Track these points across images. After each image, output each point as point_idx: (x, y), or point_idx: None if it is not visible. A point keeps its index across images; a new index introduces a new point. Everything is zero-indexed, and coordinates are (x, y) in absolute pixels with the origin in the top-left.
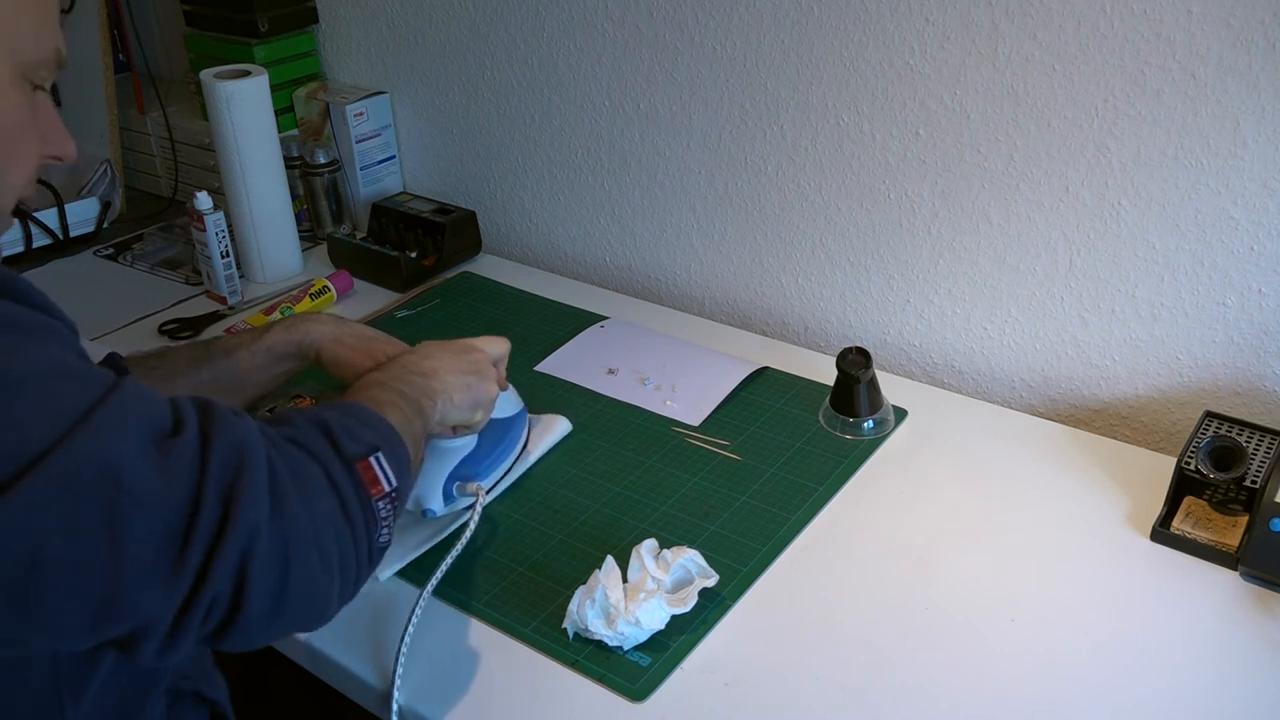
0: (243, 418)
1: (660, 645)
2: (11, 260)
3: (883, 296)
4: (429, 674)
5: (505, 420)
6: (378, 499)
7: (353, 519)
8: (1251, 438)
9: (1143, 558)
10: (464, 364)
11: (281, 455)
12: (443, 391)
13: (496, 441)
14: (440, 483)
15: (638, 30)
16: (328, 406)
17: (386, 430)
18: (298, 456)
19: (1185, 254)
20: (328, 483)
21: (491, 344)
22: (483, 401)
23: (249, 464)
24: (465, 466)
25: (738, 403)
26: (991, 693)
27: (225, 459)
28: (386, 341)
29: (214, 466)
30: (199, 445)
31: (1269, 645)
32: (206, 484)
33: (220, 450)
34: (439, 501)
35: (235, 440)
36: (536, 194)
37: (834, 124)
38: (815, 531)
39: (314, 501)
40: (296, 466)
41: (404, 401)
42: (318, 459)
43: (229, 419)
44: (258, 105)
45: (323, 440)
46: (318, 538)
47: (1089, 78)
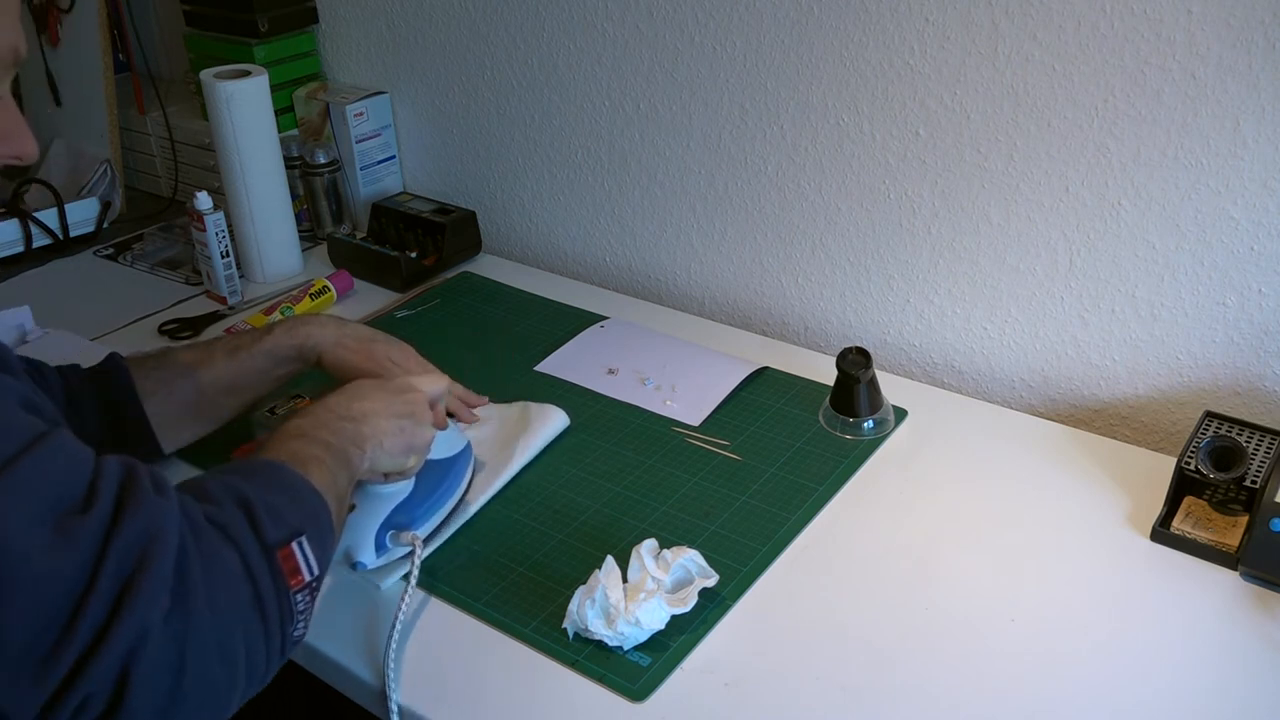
0: (166, 495)
1: (660, 645)
2: (11, 260)
3: (883, 296)
4: (429, 674)
5: (444, 462)
6: (296, 591)
7: (266, 614)
8: (1251, 438)
9: (1143, 558)
10: (397, 406)
11: (197, 541)
12: (372, 437)
13: (434, 486)
14: (372, 532)
15: (638, 30)
16: (250, 473)
17: (312, 504)
18: (214, 542)
19: (1185, 254)
20: (244, 573)
21: (429, 382)
22: (416, 446)
23: (155, 554)
24: (400, 514)
25: (738, 403)
26: (991, 693)
27: (129, 545)
28: (387, 343)
29: (114, 553)
30: (105, 526)
31: (1269, 645)
32: (102, 572)
33: (126, 535)
34: (370, 553)
35: (146, 525)
36: (536, 194)
37: (834, 124)
38: (815, 531)
39: (225, 595)
40: (211, 555)
41: (329, 454)
42: (236, 545)
43: (147, 499)
44: (258, 105)
45: (244, 522)
46: (222, 637)
47: (1089, 78)
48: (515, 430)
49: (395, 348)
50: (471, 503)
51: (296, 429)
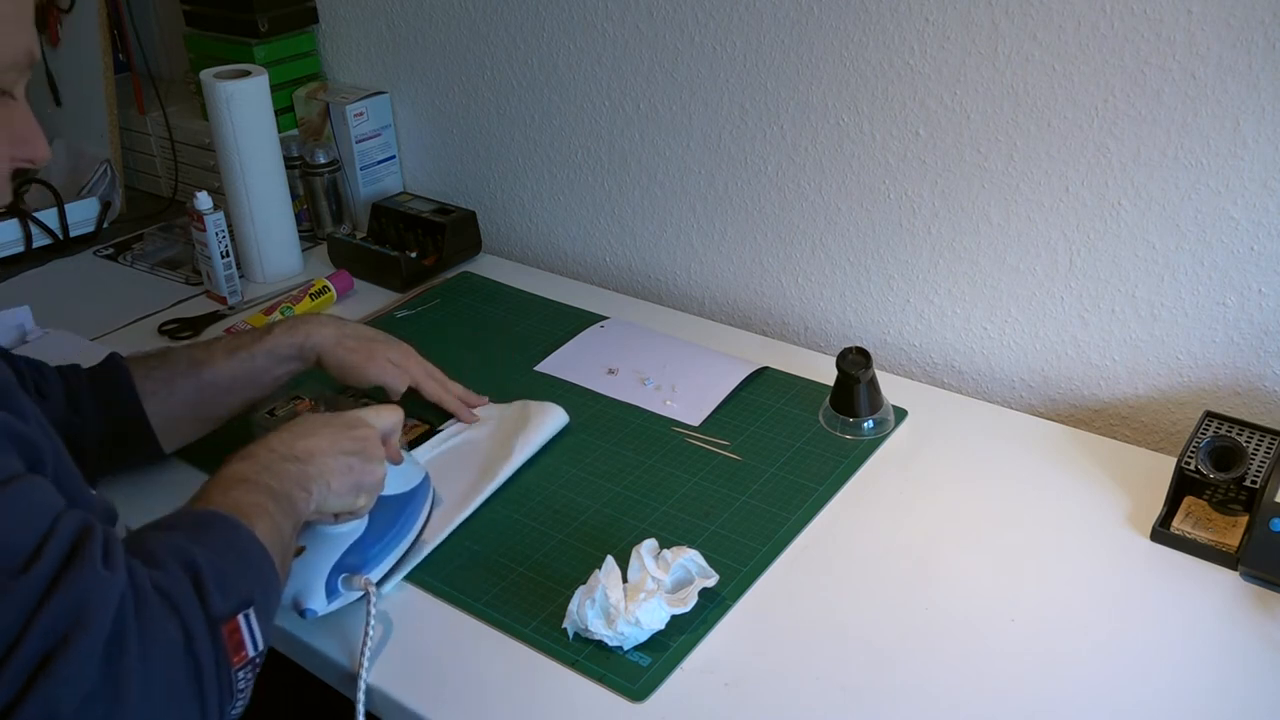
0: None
1: (660, 645)
2: (11, 260)
3: (883, 296)
4: (429, 674)
5: (400, 498)
6: (239, 668)
7: (205, 693)
8: (1251, 438)
9: (1143, 558)
10: (345, 442)
11: (140, 615)
12: (319, 477)
13: (389, 524)
14: (323, 577)
15: (638, 30)
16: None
17: (260, 564)
18: (158, 617)
19: (1185, 254)
20: (185, 649)
21: (380, 416)
22: (365, 485)
23: (85, 629)
24: (352, 555)
25: (738, 403)
26: (991, 693)
27: (59, 617)
28: (387, 343)
29: (42, 622)
30: (38, 593)
31: (1269, 645)
32: (25, 640)
33: (58, 606)
34: (320, 599)
35: (81, 598)
36: (536, 194)
37: (834, 124)
38: (815, 531)
39: (161, 675)
40: (152, 632)
41: (271, 501)
42: (180, 618)
43: (91, 571)
44: (258, 105)
45: (191, 593)
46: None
47: (1089, 78)
48: (515, 428)
49: (395, 348)
50: (429, 541)
51: (238, 474)
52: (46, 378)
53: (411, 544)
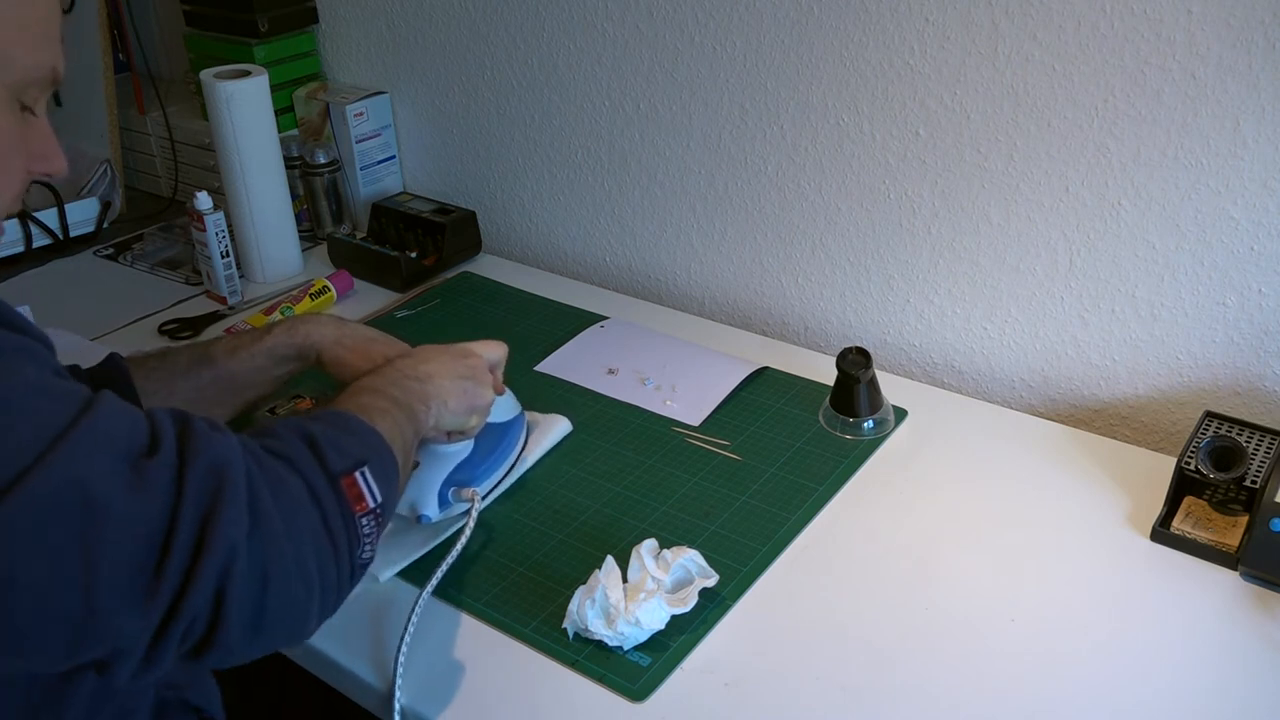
0: (222, 432)
1: (660, 645)
2: (11, 260)
3: (883, 296)
4: (429, 674)
5: (502, 425)
6: (361, 515)
7: (335, 536)
8: (1251, 438)
9: (1143, 558)
10: (460, 368)
11: (262, 470)
12: (437, 396)
13: (493, 447)
14: (435, 488)
15: (638, 30)
16: (315, 416)
17: (375, 442)
18: (279, 470)
19: (1185, 254)
20: (310, 498)
21: (489, 348)
22: (478, 407)
23: (227, 482)
24: (461, 472)
25: (738, 403)
26: (991, 693)
27: (202, 478)
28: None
29: (191, 486)
30: (176, 465)
31: (1269, 645)
32: (183, 504)
33: (197, 469)
34: (434, 507)
35: (213, 458)
36: (536, 194)
37: (834, 124)
38: (815, 531)
39: (295, 518)
40: (277, 482)
41: (396, 408)
42: (300, 473)
43: (207, 435)
44: (258, 105)
45: (307, 453)
46: (298, 555)
47: (1089, 78)
48: None
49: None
50: (528, 459)
51: (367, 385)
52: None
53: (512, 466)
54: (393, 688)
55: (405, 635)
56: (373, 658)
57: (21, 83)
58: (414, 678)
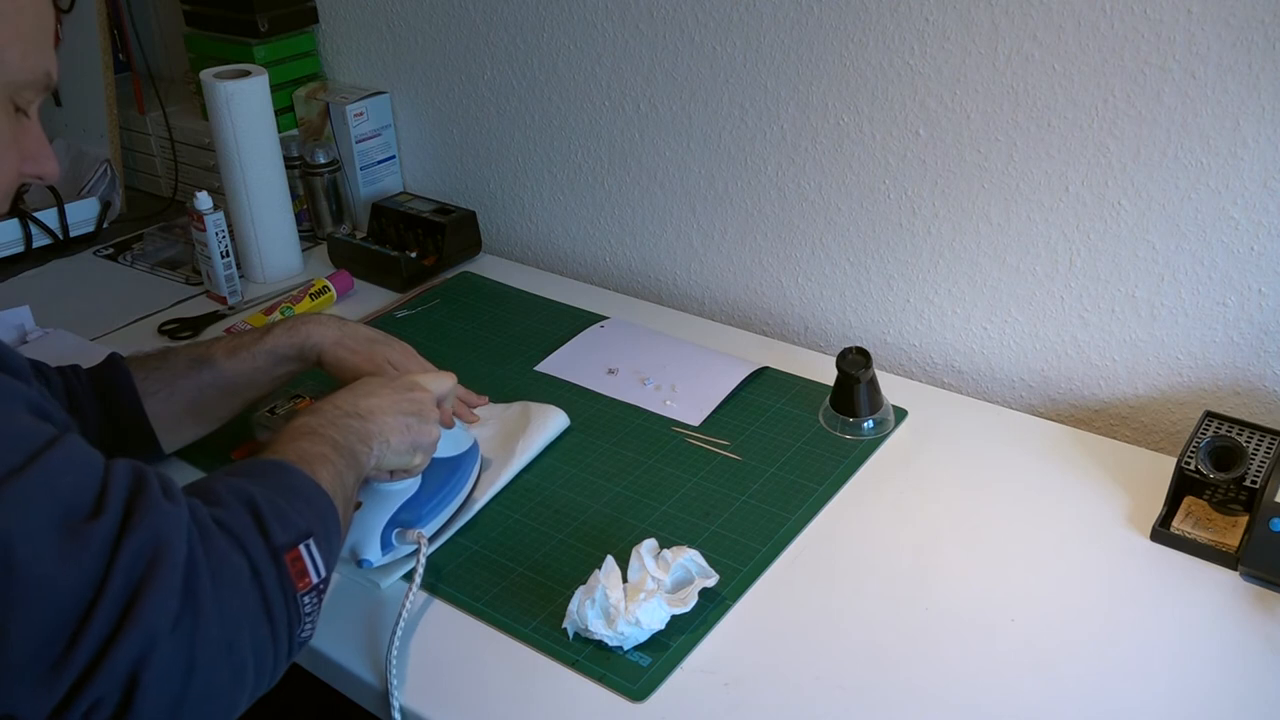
0: (175, 501)
1: (660, 645)
2: (12, 260)
3: (883, 296)
4: (429, 674)
5: (451, 460)
6: (303, 593)
7: (274, 618)
8: (1251, 438)
9: (1143, 558)
10: (404, 404)
11: (206, 548)
12: (379, 435)
13: (441, 484)
14: (378, 530)
15: (638, 30)
16: (259, 473)
17: (319, 502)
18: (222, 548)
19: (1185, 254)
20: (251, 577)
21: (436, 380)
22: (422, 444)
23: (164, 561)
24: (406, 511)
25: (738, 403)
26: (991, 692)
27: (138, 552)
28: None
29: (123, 560)
30: (114, 533)
31: (1269, 645)
32: (111, 578)
33: (135, 543)
34: (376, 551)
35: (154, 533)
36: (536, 194)
37: (834, 124)
38: (815, 531)
39: (232, 601)
40: (219, 562)
41: (336, 453)
42: (244, 549)
43: (157, 505)
44: (258, 105)
45: (252, 526)
46: (230, 642)
47: (1089, 78)
48: (515, 430)
49: (395, 349)
50: (478, 500)
51: (304, 427)
52: (48, 378)
53: (462, 504)
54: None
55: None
56: (369, 656)
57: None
58: (414, 678)
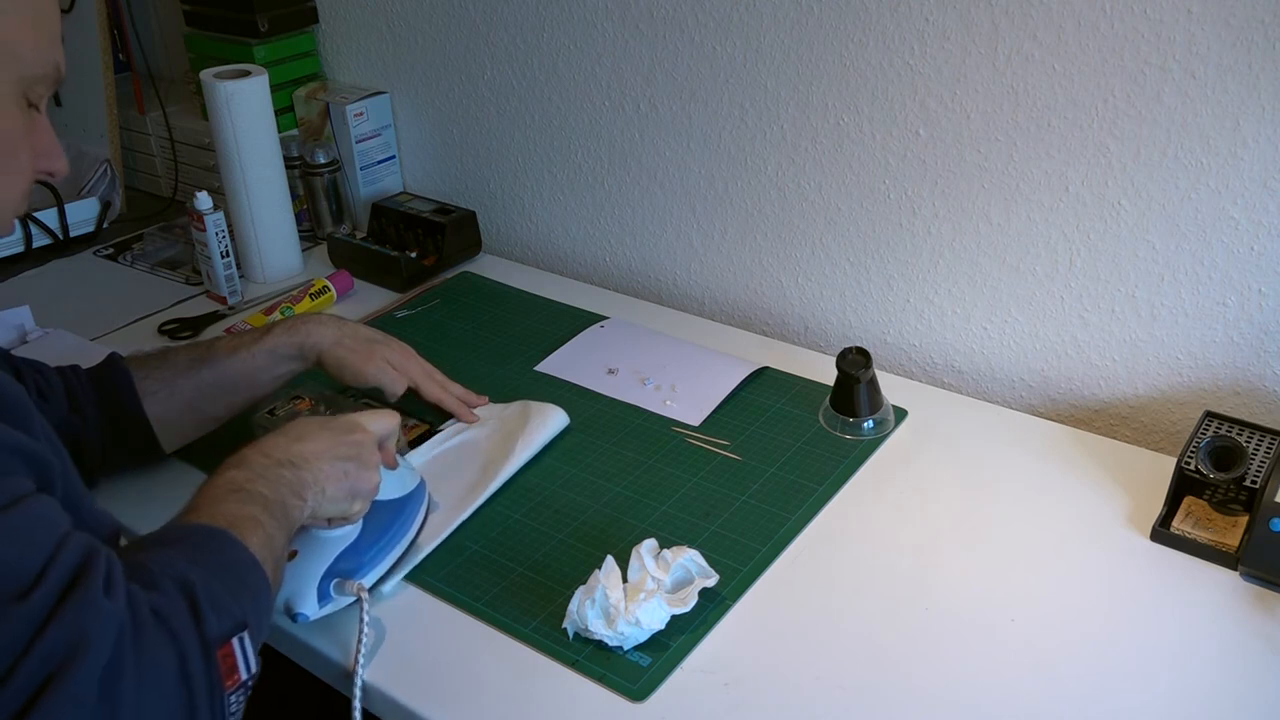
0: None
1: (660, 645)
2: (12, 260)
3: (883, 296)
4: (429, 674)
5: (395, 503)
6: (231, 691)
7: (197, 717)
8: (1251, 438)
9: (1143, 558)
10: (341, 448)
11: (138, 645)
12: (314, 484)
13: (383, 529)
14: (315, 581)
15: (638, 30)
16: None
17: (253, 580)
18: (154, 645)
19: (1185, 254)
20: (180, 675)
21: (377, 420)
22: (361, 491)
23: (83, 659)
24: (345, 560)
25: (738, 403)
26: (991, 692)
27: (57, 644)
28: (386, 343)
29: (39, 651)
30: (39, 620)
31: (1269, 645)
32: (20, 668)
33: (55, 636)
34: (312, 604)
35: (79, 629)
36: (536, 194)
37: (834, 124)
38: (815, 531)
39: (155, 699)
40: (148, 662)
41: (266, 513)
42: (177, 642)
43: (92, 600)
44: (258, 105)
45: (187, 614)
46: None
47: (1089, 78)
48: (515, 428)
49: (394, 349)
50: (424, 545)
51: (231, 483)
52: (47, 379)
53: (406, 549)
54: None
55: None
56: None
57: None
58: (414, 677)
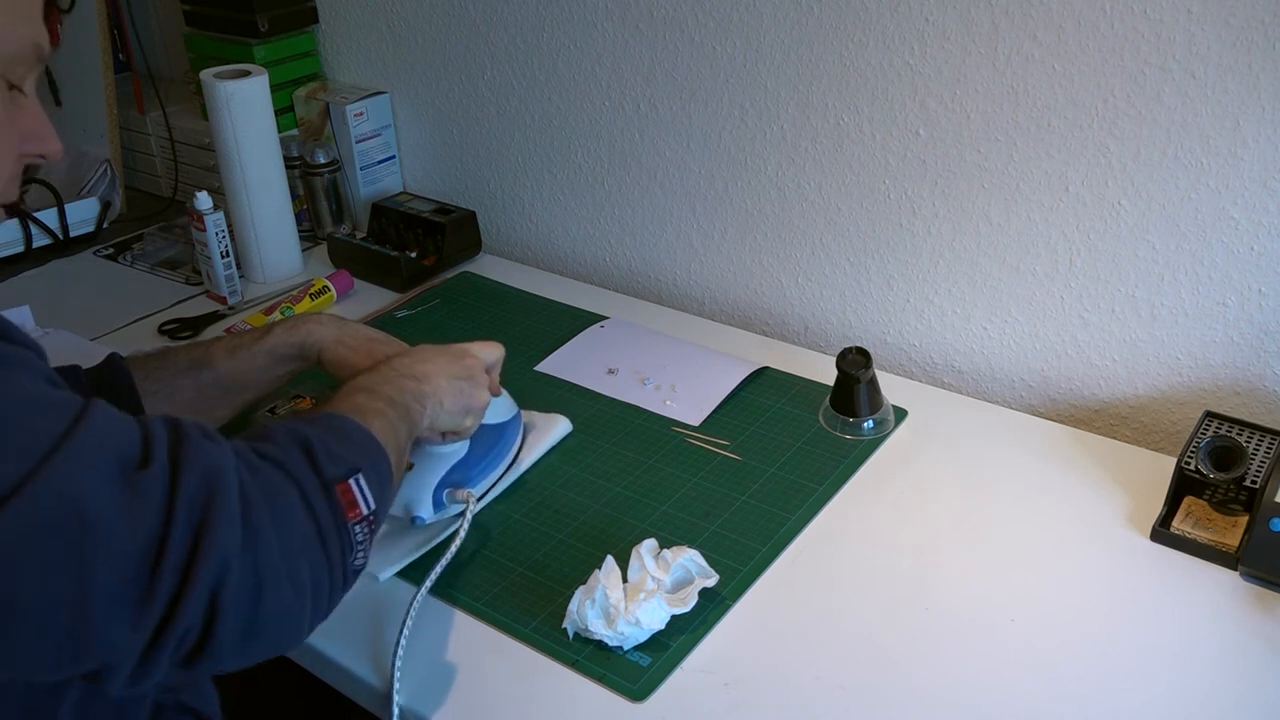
0: (215, 441)
1: (660, 645)
2: (12, 260)
3: (883, 296)
4: (429, 674)
5: (498, 426)
6: (354, 523)
7: (328, 544)
8: (1251, 438)
9: (1143, 558)
10: (456, 368)
11: (255, 479)
12: (433, 395)
13: (489, 448)
14: (430, 489)
15: (638, 30)
16: (311, 420)
17: (369, 446)
18: (273, 478)
19: (1185, 254)
20: (304, 506)
21: (485, 349)
22: (474, 407)
23: (220, 492)
24: (456, 473)
25: (738, 403)
26: (991, 692)
27: (195, 488)
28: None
29: (183, 497)
30: (169, 475)
31: (1269, 645)
32: (175, 516)
33: (190, 479)
34: (428, 508)
35: (206, 467)
36: (536, 194)
37: (834, 124)
38: (815, 531)
39: (288, 526)
40: (271, 490)
41: (390, 408)
42: (294, 480)
43: (200, 444)
44: (258, 105)
45: (302, 459)
46: (290, 564)
47: (1089, 78)
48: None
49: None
50: (523, 462)
51: (361, 384)
52: None
53: (507, 468)
54: (391, 687)
55: (403, 634)
56: (372, 657)
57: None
58: (414, 678)
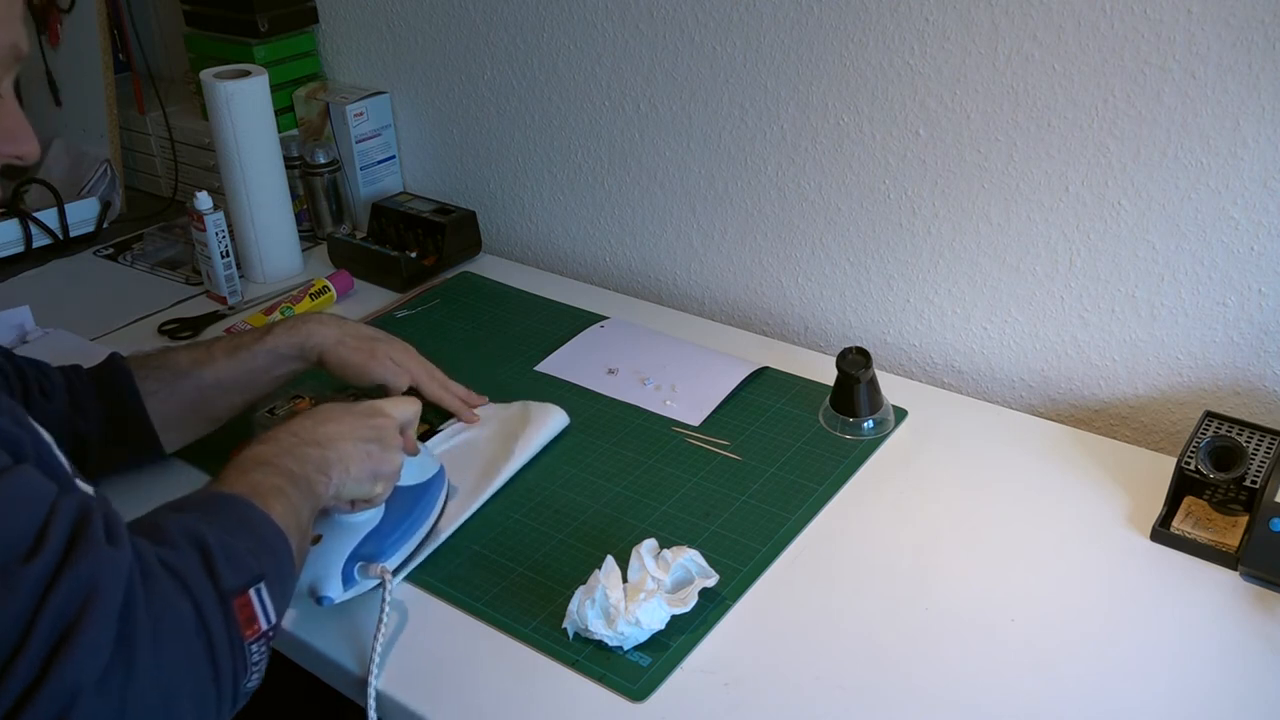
0: (118, 544)
1: (660, 645)
2: (12, 260)
3: (883, 296)
4: (429, 674)
5: (415, 488)
6: (251, 641)
7: (219, 666)
8: (1251, 438)
9: (1143, 558)
10: (364, 430)
11: (149, 592)
12: (338, 462)
13: (405, 514)
14: (339, 564)
15: (638, 30)
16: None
17: (273, 541)
18: (166, 592)
19: (1185, 254)
20: (196, 623)
21: (398, 406)
22: (383, 473)
23: (95, 605)
24: (368, 544)
25: (738, 403)
26: (991, 692)
27: (69, 598)
28: (388, 342)
29: (51, 607)
30: (47, 578)
31: (1269, 645)
32: (37, 627)
33: (67, 587)
34: (337, 587)
35: (89, 577)
36: (536, 194)
37: (834, 124)
38: (815, 531)
39: (173, 649)
40: (163, 608)
41: (291, 485)
42: (190, 593)
43: (96, 549)
44: (258, 105)
45: (199, 568)
46: (168, 693)
47: (1089, 78)
48: (515, 429)
49: (396, 347)
50: (444, 530)
51: (257, 456)
52: (49, 377)
53: (427, 534)
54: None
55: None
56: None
57: None
58: (414, 677)
